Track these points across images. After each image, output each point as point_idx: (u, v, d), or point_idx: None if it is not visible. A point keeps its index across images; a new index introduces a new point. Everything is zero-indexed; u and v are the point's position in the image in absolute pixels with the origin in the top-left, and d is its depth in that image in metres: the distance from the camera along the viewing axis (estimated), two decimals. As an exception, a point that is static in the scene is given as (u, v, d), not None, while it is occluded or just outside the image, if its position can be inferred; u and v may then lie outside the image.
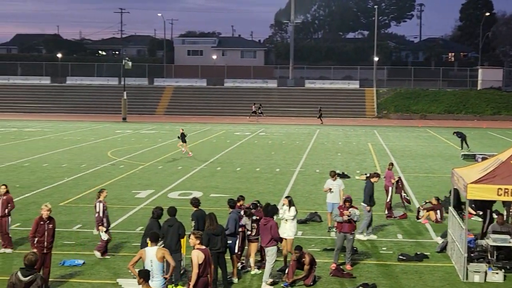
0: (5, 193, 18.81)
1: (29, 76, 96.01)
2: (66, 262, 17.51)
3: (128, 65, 74.36)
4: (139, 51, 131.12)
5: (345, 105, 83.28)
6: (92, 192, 27.89)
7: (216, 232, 15.54)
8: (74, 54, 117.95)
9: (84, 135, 53.82)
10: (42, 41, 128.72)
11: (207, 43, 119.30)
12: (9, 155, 39.83)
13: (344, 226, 17.68)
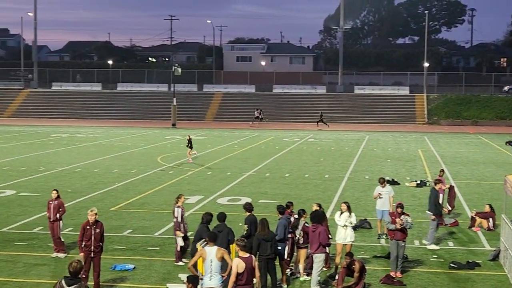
0: (56, 198, 19.07)
1: (80, 83, 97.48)
2: (117, 267, 17.67)
3: (177, 71, 74.94)
4: (189, 57, 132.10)
5: (395, 111, 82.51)
6: (142, 197, 28.18)
7: (267, 238, 15.52)
8: (124, 61, 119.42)
9: (134, 141, 54.37)
10: (94, 48, 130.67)
11: (256, 49, 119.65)
12: (61, 161, 40.45)
13: (397, 234, 17.51)
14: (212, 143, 52.95)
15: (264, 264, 15.36)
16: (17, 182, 31.95)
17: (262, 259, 15.47)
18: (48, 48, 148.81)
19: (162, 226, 22.70)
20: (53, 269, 17.66)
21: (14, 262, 18.16)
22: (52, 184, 31.06)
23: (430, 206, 21.04)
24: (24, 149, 46.82)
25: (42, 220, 23.18)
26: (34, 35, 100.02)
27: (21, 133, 61.23)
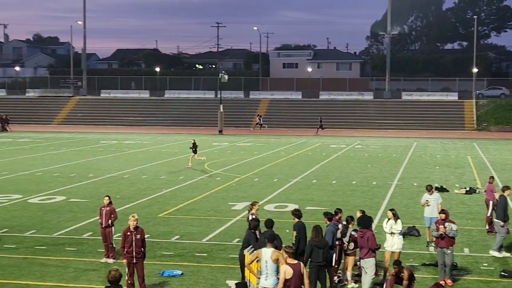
0: (108, 204, 19.29)
1: (128, 90, 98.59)
2: (165, 272, 17.79)
3: (224, 78, 75.30)
4: (235, 64, 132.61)
5: (443, 118, 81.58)
6: (190, 204, 28.33)
7: (320, 244, 15.49)
8: (172, 68, 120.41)
9: (182, 148, 54.70)
10: (142, 55, 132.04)
11: (303, 56, 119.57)
12: (110, 167, 40.93)
13: (441, 241, 17.31)
14: (259, 150, 53.02)
15: (315, 271, 15.34)
16: (67, 188, 32.42)
17: (313, 265, 15.44)
18: (97, 56, 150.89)
19: (210, 232, 22.80)
20: (103, 275, 17.83)
21: (64, 267, 18.42)
22: (101, 191, 31.46)
23: (498, 213, 20.76)
24: (73, 156, 47.51)
25: (92, 225, 23.50)
26: (83, 43, 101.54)
27: (71, 140, 62.14)
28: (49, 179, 35.72)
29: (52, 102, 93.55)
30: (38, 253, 19.84)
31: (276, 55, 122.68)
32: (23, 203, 28.37)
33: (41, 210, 26.80)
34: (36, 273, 17.83)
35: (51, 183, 34.05)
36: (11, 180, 35.24)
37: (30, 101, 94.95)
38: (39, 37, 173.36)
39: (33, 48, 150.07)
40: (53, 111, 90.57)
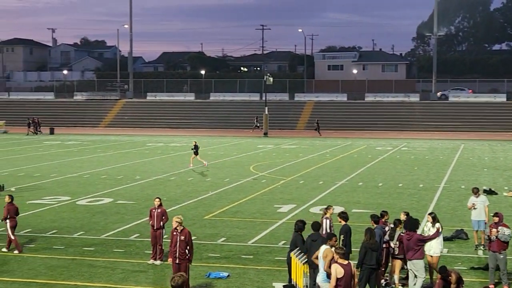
0: (159, 205, 19.44)
1: (174, 93, 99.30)
2: (211, 274, 17.86)
3: (269, 80, 75.39)
4: (280, 66, 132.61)
5: (491, 119, 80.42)
6: (235, 206, 28.40)
7: (374, 247, 15.44)
8: (217, 71, 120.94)
9: (227, 150, 54.93)
10: (187, 58, 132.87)
11: (348, 58, 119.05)
12: (156, 169, 41.26)
13: (493, 245, 17.02)
14: (304, 152, 52.92)
15: (367, 273, 15.29)
16: (114, 190, 32.77)
17: (365, 268, 15.39)
18: (143, 59, 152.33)
19: (256, 234, 22.82)
20: (150, 276, 18.00)
21: (112, 268, 18.61)
22: (148, 193, 31.75)
23: None
24: (120, 158, 48.02)
25: (139, 227, 23.72)
26: (129, 47, 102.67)
27: (118, 143, 62.82)
28: (96, 181, 36.17)
29: (99, 105, 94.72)
30: (86, 254, 20.09)
31: (321, 57, 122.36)
32: (72, 204, 28.76)
33: (89, 212, 27.13)
34: (84, 274, 18.05)
35: (99, 185, 34.46)
36: (60, 182, 35.76)
37: (77, 104, 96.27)
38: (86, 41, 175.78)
39: (80, 52, 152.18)
40: (100, 114, 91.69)
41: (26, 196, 30.84)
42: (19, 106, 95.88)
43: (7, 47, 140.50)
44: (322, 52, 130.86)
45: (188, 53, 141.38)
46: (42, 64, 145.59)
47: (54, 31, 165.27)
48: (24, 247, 20.87)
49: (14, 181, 35.55)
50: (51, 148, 56.22)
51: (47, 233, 23.00)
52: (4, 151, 53.45)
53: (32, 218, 25.60)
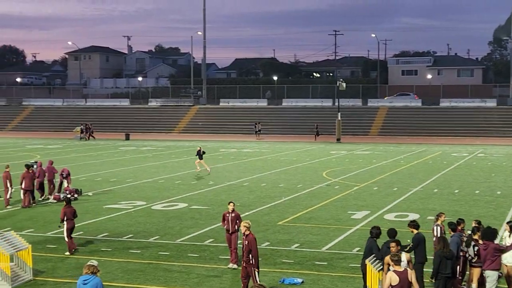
0: (233, 210, 19.58)
1: (247, 99, 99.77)
2: (285, 280, 17.84)
3: (342, 86, 75.01)
4: (353, 72, 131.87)
5: None
6: (309, 212, 28.31)
7: (449, 256, 15.19)
8: (289, 77, 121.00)
9: (300, 156, 54.86)
10: (259, 64, 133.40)
11: (422, 63, 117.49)
12: (230, 175, 41.51)
13: None
14: (378, 158, 52.41)
15: (443, 282, 15.04)
16: (188, 196, 33.10)
17: (441, 277, 15.14)
18: (216, 66, 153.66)
19: (330, 241, 22.70)
20: (224, 281, 18.09)
21: (187, 273, 18.78)
22: (222, 198, 31.96)
23: None
24: (194, 164, 48.41)
25: (213, 232, 23.89)
26: (203, 53, 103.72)
27: (191, 148, 63.34)
28: (171, 186, 36.61)
29: (173, 112, 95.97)
30: (161, 259, 20.33)
31: (395, 62, 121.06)
32: (147, 209, 29.18)
33: (164, 216, 27.47)
34: (160, 278, 18.27)
35: (173, 190, 34.88)
36: (136, 187, 36.35)
37: (152, 111, 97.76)
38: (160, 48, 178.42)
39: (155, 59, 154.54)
40: (174, 120, 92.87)
41: (103, 200, 31.47)
42: (95, 112, 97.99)
43: (84, 54, 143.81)
44: (395, 57, 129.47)
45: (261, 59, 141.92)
46: (118, 71, 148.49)
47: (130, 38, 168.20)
48: (101, 251, 21.28)
49: (91, 186, 36.31)
50: (127, 154, 57.22)
51: (123, 237, 23.39)
52: (81, 156, 54.67)
53: (109, 223, 26.09)
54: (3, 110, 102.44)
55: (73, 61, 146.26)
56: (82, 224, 25.61)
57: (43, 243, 22.17)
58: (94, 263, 12.56)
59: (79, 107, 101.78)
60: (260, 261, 19.67)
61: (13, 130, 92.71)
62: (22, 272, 18.14)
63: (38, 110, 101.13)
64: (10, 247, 17.83)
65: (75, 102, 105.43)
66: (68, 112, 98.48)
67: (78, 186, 34.26)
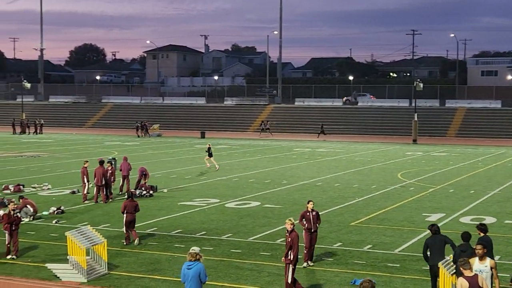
0: (313, 209, 19.64)
1: (322, 98, 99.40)
2: (357, 281, 17.70)
3: (419, 86, 73.98)
4: (431, 72, 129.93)
5: None
6: (382, 213, 28.02)
7: None
8: (365, 77, 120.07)
9: (374, 156, 54.37)
10: (335, 64, 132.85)
11: (503, 63, 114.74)
12: (303, 175, 41.46)
13: None
14: (454, 160, 51.47)
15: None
16: (261, 194, 33.21)
17: None
18: (292, 65, 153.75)
19: (403, 242, 22.41)
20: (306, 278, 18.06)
21: (259, 271, 18.85)
22: (295, 197, 31.97)
23: None
24: (268, 163, 48.63)
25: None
26: (279, 53, 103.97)
27: (266, 147, 63.66)
28: (244, 184, 36.81)
29: (248, 110, 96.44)
30: (233, 256, 20.46)
31: (474, 62, 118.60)
32: (220, 207, 29.42)
33: (237, 214, 27.64)
34: (231, 275, 18.39)
35: (247, 189, 35.05)
36: (210, 184, 36.69)
37: (227, 109, 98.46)
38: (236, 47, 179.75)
39: (231, 58, 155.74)
40: (249, 119, 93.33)
41: (177, 197, 31.89)
42: (172, 110, 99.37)
43: (162, 53, 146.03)
44: (475, 57, 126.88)
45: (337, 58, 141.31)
46: (195, 70, 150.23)
47: (207, 37, 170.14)
48: (174, 248, 21.56)
49: (166, 182, 36.84)
50: (202, 152, 57.72)
51: (196, 234, 23.64)
52: (158, 153, 55.53)
53: (183, 219, 26.42)
54: (83, 107, 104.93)
55: (151, 59, 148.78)
56: (157, 220, 26.04)
57: (118, 238, 22.61)
58: (196, 250, 13.77)
59: (156, 105, 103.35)
60: (331, 261, 19.68)
61: (92, 127, 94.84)
62: (98, 266, 18.54)
63: (117, 107, 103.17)
64: (86, 241, 18.25)
65: (153, 100, 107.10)
66: (146, 110, 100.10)
67: (153, 183, 34.80)
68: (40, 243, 22.10)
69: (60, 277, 18.02)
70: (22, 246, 20.95)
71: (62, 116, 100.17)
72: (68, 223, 25.44)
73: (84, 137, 75.95)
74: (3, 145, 60.68)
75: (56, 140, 70.53)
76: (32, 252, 20.90)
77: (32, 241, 22.31)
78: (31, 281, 17.86)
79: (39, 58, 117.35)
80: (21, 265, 19.33)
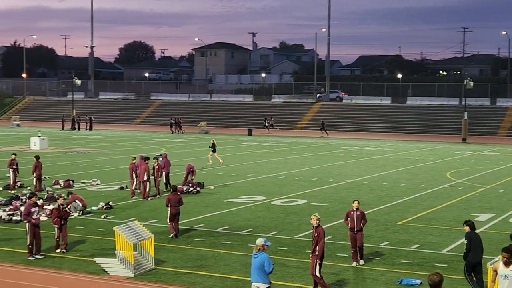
0: (358, 208, 19.53)
1: (370, 96, 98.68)
2: (403, 281, 17.56)
3: (469, 85, 73.00)
4: (482, 70, 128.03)
5: None
6: (430, 213, 27.72)
7: None
8: (414, 75, 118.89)
9: (423, 155, 53.81)
10: (384, 62, 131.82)
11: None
12: (350, 173, 41.25)
13: None
14: (505, 160, 50.65)
15: None
16: (308, 192, 33.15)
17: None
18: (340, 63, 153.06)
19: (451, 242, 22.14)
20: (341, 279, 18.01)
21: (304, 269, 18.79)
22: (341, 196, 31.83)
23: None
24: (315, 160, 48.52)
25: (331, 230, 23.80)
26: (327, 50, 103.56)
27: (313, 145, 63.53)
28: (291, 182, 36.78)
29: (295, 108, 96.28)
30: (279, 254, 20.45)
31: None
32: (267, 204, 29.44)
33: (283, 212, 27.63)
34: (277, 273, 18.35)
35: (293, 186, 35.02)
36: (256, 182, 36.75)
37: (275, 107, 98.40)
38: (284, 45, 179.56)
39: (279, 56, 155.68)
40: (296, 116, 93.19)
41: (224, 194, 32.02)
42: (220, 107, 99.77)
43: (210, 51, 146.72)
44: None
45: (386, 56, 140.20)
46: (242, 67, 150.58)
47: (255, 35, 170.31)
48: (220, 244, 21.64)
49: (213, 179, 37.00)
50: (249, 149, 57.94)
51: (242, 231, 23.71)
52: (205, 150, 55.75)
53: (229, 216, 26.51)
54: (132, 104, 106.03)
55: (199, 57, 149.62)
56: (203, 217, 26.19)
57: (165, 233, 22.79)
58: (261, 242, 14.67)
59: (204, 102, 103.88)
60: (378, 260, 19.55)
61: (141, 124, 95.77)
62: (145, 261, 18.72)
63: (165, 104, 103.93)
64: (134, 236, 18.43)
65: (201, 98, 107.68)
66: (194, 107, 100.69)
67: (200, 179, 35.00)
68: (88, 237, 22.42)
69: (108, 271, 18.25)
70: (71, 240, 21.27)
71: (111, 113, 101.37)
72: (116, 218, 25.74)
73: (132, 134, 76.76)
74: (53, 141, 61.67)
75: (105, 137, 71.44)
76: (81, 246, 21.20)
77: (80, 235, 22.64)
78: (79, 275, 18.12)
79: (90, 56, 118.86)
80: (70, 259, 19.63)
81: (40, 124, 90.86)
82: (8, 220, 24.98)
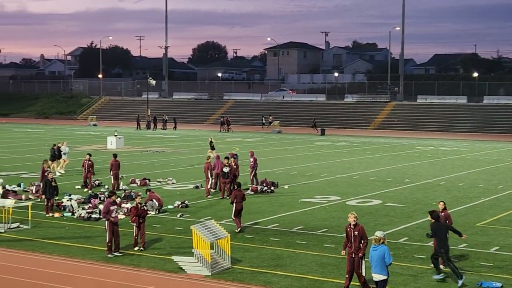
0: (443, 209, 19.33)
1: (445, 96, 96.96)
2: (483, 284, 17.20)
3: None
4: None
5: None
6: (510, 215, 27.07)
7: None
8: (491, 73, 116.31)
9: (501, 156, 52.62)
10: (459, 60, 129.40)
11: None
12: (426, 173, 40.66)
13: None
14: None
15: None
16: (383, 192, 32.81)
17: None
18: (414, 61, 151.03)
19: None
20: (419, 281, 17.74)
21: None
22: (417, 196, 31.40)
23: None
24: (389, 161, 48.00)
25: (407, 230, 23.53)
26: (401, 49, 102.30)
27: (387, 145, 62.86)
28: (366, 182, 36.48)
29: (369, 107, 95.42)
30: (355, 254, 20.27)
31: None
32: (342, 204, 29.28)
33: (358, 212, 27.20)
34: (350, 272, 18.24)
35: (368, 187, 34.73)
36: (330, 182, 36.59)
37: (347, 106, 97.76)
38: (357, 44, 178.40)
39: (352, 55, 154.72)
40: (370, 115, 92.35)
41: (298, 194, 31.99)
42: (292, 107, 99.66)
43: (282, 50, 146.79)
44: None
45: (461, 55, 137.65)
46: (315, 67, 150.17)
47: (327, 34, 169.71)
48: (296, 244, 21.63)
49: (287, 179, 37.00)
50: (322, 149, 57.73)
51: (318, 231, 23.63)
52: (278, 150, 55.87)
53: (304, 216, 26.46)
54: (205, 104, 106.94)
55: (271, 56, 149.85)
56: (278, 216, 26.22)
57: (241, 233, 22.91)
58: (379, 235, 15.40)
59: (276, 102, 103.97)
60: (457, 263, 19.19)
61: (214, 123, 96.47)
62: (221, 260, 18.85)
63: (238, 104, 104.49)
64: (210, 235, 18.58)
65: (273, 97, 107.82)
66: (266, 107, 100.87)
67: (274, 179, 35.06)
68: (165, 235, 22.71)
69: (185, 269, 18.45)
70: (149, 238, 21.59)
71: (185, 113, 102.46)
72: (192, 217, 26.02)
73: (206, 133, 77.39)
74: (129, 140, 62.73)
75: (179, 136, 72.30)
76: (158, 244, 21.50)
77: (158, 233, 22.96)
78: (158, 273, 18.37)
79: (164, 56, 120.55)
80: (148, 257, 19.93)
81: (115, 124, 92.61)
82: (87, 218, 25.54)
